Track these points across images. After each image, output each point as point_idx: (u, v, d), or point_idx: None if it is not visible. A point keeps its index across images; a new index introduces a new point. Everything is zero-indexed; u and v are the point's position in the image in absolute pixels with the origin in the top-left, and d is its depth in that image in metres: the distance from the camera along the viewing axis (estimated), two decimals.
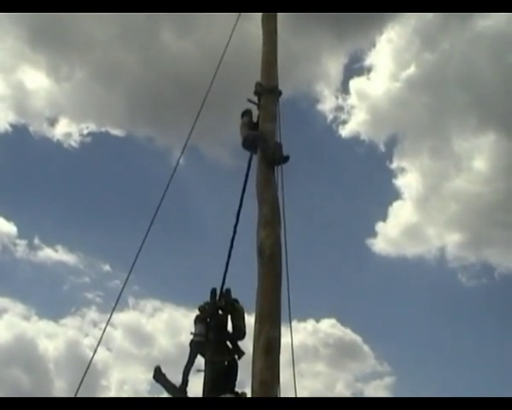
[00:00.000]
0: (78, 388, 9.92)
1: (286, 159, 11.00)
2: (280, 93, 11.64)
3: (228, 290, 14.18)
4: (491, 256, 49.26)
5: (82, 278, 46.36)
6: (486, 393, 36.46)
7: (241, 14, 12.95)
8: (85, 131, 44.63)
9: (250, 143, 11.58)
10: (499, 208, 44.79)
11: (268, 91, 11.51)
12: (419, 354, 42.34)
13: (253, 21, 12.84)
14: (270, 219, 10.15)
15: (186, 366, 13.93)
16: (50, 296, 46.55)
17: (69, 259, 45.91)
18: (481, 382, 41.02)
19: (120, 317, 42.43)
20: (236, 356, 13.91)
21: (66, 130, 45.89)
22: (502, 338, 41.66)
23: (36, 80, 52.62)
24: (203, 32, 41.64)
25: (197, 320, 14.40)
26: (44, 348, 41.71)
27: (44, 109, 48.05)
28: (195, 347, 14.07)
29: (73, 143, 44.96)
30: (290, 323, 10.68)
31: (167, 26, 43.45)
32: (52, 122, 47.47)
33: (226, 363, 13.61)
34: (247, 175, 11.46)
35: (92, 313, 43.05)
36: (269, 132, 11.22)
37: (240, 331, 14.04)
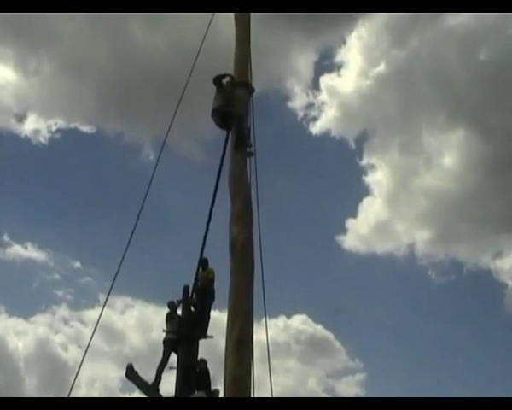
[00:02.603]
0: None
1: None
2: (253, 90, 11.60)
3: (205, 260, 14.17)
4: (460, 252, 49.86)
5: (52, 275, 46.02)
6: (457, 386, 36.92)
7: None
8: (54, 128, 44.26)
9: (222, 119, 11.35)
10: (468, 205, 45.29)
11: (241, 85, 11.44)
12: (390, 350, 42.68)
13: (225, 17, 12.80)
14: (243, 215, 10.13)
15: (160, 364, 13.87)
16: (20, 294, 46.14)
17: (39, 256, 45.57)
18: (452, 376, 41.46)
19: (91, 314, 42.12)
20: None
21: (34, 126, 45.51)
22: (471, 333, 42.14)
23: (3, 75, 52.12)
24: (172, 25, 41.47)
25: (169, 317, 14.35)
26: (14, 345, 41.33)
27: (12, 105, 47.62)
28: (169, 344, 14.02)
29: (42, 140, 44.56)
30: (266, 318, 10.75)
31: (136, 20, 43.20)
32: (20, 118, 47.10)
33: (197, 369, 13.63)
34: (221, 163, 11.27)
35: (62, 311, 42.73)
36: (243, 116, 11.17)
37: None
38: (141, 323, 42.35)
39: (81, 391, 38.77)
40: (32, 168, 48.05)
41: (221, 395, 10.28)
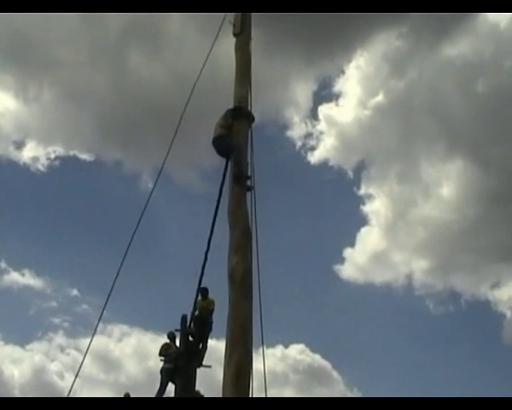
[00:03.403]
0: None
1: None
2: (253, 119, 11.60)
3: (206, 290, 14.20)
4: (458, 283, 49.91)
5: (49, 302, 45.98)
6: None
7: (212, 37, 12.93)
8: (52, 155, 44.36)
9: (222, 148, 11.32)
10: (465, 235, 45.32)
11: (241, 115, 11.45)
12: (388, 380, 42.44)
13: (224, 46, 12.86)
14: (242, 245, 10.10)
15: (157, 394, 13.81)
16: (16, 321, 46.00)
17: (36, 283, 45.52)
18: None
19: (88, 342, 41.83)
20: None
21: (33, 153, 45.71)
22: (469, 364, 41.90)
23: (3, 101, 52.29)
24: (172, 55, 41.80)
25: (166, 347, 14.30)
26: (10, 373, 41.06)
27: (11, 132, 47.75)
28: (166, 374, 13.95)
29: (41, 167, 44.63)
30: (263, 348, 10.69)
31: (136, 49, 43.52)
32: (19, 145, 47.21)
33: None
34: (220, 192, 11.22)
35: (59, 338, 42.56)
36: (242, 149, 11.18)
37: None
38: (138, 351, 42.18)
39: None
40: (30, 195, 48.21)
41: None
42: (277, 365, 41.35)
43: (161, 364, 14.24)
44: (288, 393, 42.36)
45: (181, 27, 42.26)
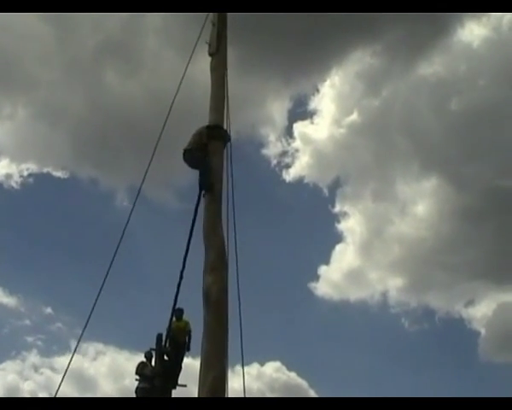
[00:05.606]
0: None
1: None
2: (229, 139, 11.56)
3: (180, 311, 14.19)
4: (432, 300, 49.94)
5: (22, 320, 45.41)
6: None
7: (188, 56, 12.92)
8: (26, 173, 44.04)
9: (194, 161, 11.26)
10: (440, 253, 45.54)
11: (216, 136, 11.40)
12: (364, 397, 42.27)
13: (200, 65, 12.87)
14: (217, 265, 10.10)
15: None
16: None
17: (9, 301, 44.97)
18: None
19: (62, 361, 41.53)
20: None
21: (6, 171, 45.25)
22: (444, 382, 42.02)
23: None
24: (147, 73, 41.81)
25: (142, 366, 14.20)
26: None
27: None
28: (142, 393, 13.84)
29: (14, 185, 44.30)
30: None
31: (112, 67, 43.48)
32: None
33: None
34: (196, 209, 11.15)
35: (33, 357, 42.08)
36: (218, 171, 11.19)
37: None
38: (113, 370, 41.77)
39: None
40: (3, 213, 47.69)
41: None
42: (253, 383, 41.09)
43: (137, 383, 14.14)
44: None
45: (157, 46, 42.33)
